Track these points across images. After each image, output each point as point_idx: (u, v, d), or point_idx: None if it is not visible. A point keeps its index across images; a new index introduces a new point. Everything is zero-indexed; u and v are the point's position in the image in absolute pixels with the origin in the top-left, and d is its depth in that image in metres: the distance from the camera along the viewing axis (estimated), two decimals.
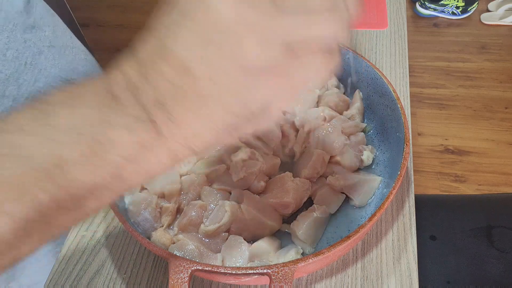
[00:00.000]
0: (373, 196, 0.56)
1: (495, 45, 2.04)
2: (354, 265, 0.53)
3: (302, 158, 0.58)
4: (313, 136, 0.59)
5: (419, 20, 2.20)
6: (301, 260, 0.41)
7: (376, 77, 0.59)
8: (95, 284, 0.53)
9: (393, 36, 0.81)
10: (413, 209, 0.57)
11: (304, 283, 0.52)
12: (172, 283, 0.40)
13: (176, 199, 0.54)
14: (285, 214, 0.54)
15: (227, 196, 0.54)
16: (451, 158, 1.64)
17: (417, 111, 1.79)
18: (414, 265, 0.52)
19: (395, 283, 0.51)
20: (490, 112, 1.77)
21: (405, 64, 0.76)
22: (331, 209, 0.54)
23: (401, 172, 0.48)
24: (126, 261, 0.55)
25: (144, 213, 0.51)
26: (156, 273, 0.53)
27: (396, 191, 0.46)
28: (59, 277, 0.54)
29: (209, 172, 0.56)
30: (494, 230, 0.75)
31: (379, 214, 0.44)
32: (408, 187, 0.59)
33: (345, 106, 0.64)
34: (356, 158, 0.57)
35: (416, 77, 1.92)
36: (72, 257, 0.55)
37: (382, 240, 0.54)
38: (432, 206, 0.81)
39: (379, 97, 0.59)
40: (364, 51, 0.79)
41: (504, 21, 2.11)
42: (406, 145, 0.50)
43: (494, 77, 1.90)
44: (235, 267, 0.41)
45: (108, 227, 0.58)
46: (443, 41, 2.08)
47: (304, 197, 0.54)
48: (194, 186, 0.55)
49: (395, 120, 0.55)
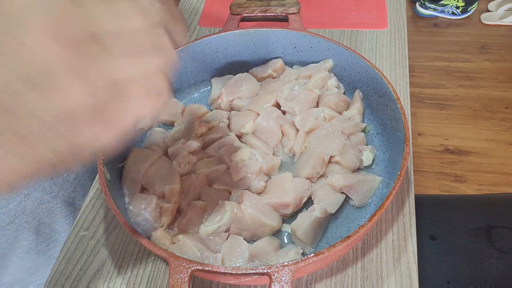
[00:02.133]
0: (373, 196, 0.56)
1: (495, 45, 2.04)
2: (354, 265, 0.53)
3: (302, 158, 0.58)
4: (313, 136, 0.59)
5: (419, 20, 2.20)
6: (301, 260, 0.41)
7: (376, 77, 0.59)
8: (95, 284, 0.53)
9: (393, 36, 0.81)
10: (413, 209, 0.57)
11: (304, 283, 0.52)
12: (172, 283, 0.40)
13: (176, 199, 0.54)
14: (285, 214, 0.54)
15: (227, 196, 0.54)
16: (451, 158, 1.64)
17: (417, 111, 1.79)
18: (414, 265, 0.52)
19: (395, 283, 0.51)
20: (490, 112, 1.77)
21: (405, 64, 0.76)
22: (331, 209, 0.54)
23: (401, 172, 0.48)
24: (126, 261, 0.55)
25: (144, 213, 0.51)
26: (156, 273, 0.53)
27: (396, 191, 0.46)
28: (59, 277, 0.54)
29: (209, 172, 0.56)
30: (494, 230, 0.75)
31: (379, 214, 0.44)
32: (408, 187, 0.59)
33: (345, 106, 0.64)
34: (356, 158, 0.57)
35: (416, 77, 1.92)
36: (72, 257, 0.55)
37: (382, 240, 0.54)
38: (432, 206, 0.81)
39: (379, 97, 0.60)
40: (364, 51, 0.79)
41: (504, 21, 2.11)
42: (406, 145, 0.50)
43: (494, 77, 1.90)
44: (235, 267, 0.41)
45: (108, 227, 0.58)
46: (443, 41, 2.08)
47: (304, 197, 0.54)
48: (194, 186, 0.54)
49: (395, 120, 0.55)
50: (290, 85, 0.64)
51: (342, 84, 0.67)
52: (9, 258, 0.63)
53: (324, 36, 0.65)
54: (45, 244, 0.67)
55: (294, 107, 0.62)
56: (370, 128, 0.63)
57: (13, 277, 0.65)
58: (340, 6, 0.89)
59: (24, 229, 0.63)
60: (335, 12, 0.88)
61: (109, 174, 0.52)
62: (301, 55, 0.68)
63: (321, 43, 0.65)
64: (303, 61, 0.69)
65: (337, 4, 0.90)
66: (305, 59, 0.68)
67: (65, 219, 0.69)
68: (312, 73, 0.65)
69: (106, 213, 0.59)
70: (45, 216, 0.65)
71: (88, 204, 0.60)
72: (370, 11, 0.87)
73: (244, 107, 0.64)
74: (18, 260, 0.64)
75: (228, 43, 0.68)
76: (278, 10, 0.69)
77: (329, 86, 0.65)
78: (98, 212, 0.59)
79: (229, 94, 0.66)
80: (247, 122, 0.61)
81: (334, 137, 0.58)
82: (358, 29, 0.83)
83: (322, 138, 0.58)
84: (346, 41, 0.81)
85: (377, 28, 0.83)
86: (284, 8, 0.68)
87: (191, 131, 0.61)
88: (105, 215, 0.59)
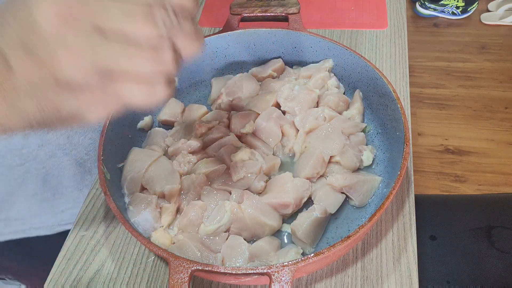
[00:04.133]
0: (373, 196, 0.56)
1: (495, 45, 2.04)
2: (354, 265, 0.53)
3: (302, 158, 0.58)
4: (313, 136, 0.59)
5: (419, 20, 2.20)
6: (301, 260, 0.41)
7: (376, 77, 0.59)
8: (95, 284, 0.53)
9: (393, 36, 0.81)
10: (413, 209, 0.57)
11: (304, 283, 0.52)
12: (172, 283, 0.40)
13: (176, 199, 0.54)
14: (285, 214, 0.54)
15: (227, 196, 0.54)
16: (451, 158, 1.64)
17: (417, 111, 1.79)
18: (414, 265, 0.52)
19: (395, 283, 0.51)
20: (490, 112, 1.77)
21: (405, 64, 0.76)
22: (331, 209, 0.54)
23: (401, 172, 0.48)
24: (126, 261, 0.55)
25: (144, 213, 0.51)
26: (156, 273, 0.53)
27: (396, 191, 0.46)
28: (59, 277, 0.54)
29: (209, 172, 0.56)
30: (494, 230, 0.75)
31: (379, 214, 0.44)
32: (408, 187, 0.59)
33: (345, 106, 0.64)
34: (356, 158, 0.57)
35: (416, 77, 1.92)
36: (72, 257, 0.55)
37: (382, 240, 0.54)
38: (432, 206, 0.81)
39: (379, 97, 0.60)
40: (364, 51, 0.79)
41: (504, 21, 2.11)
42: (406, 145, 0.50)
43: (494, 77, 1.90)
44: (235, 267, 0.41)
45: (108, 227, 0.58)
46: (443, 41, 2.08)
47: (304, 197, 0.54)
48: (194, 186, 0.55)
49: (395, 120, 0.55)
50: (290, 85, 0.64)
51: (342, 84, 0.67)
52: (16, 197, 0.67)
53: (324, 36, 0.65)
54: (51, 193, 0.69)
55: (294, 107, 0.62)
56: (370, 128, 0.63)
57: (18, 214, 0.69)
58: (340, 6, 0.89)
59: (32, 174, 0.66)
60: (335, 12, 0.88)
61: (109, 174, 0.52)
62: (301, 55, 0.68)
63: (321, 43, 0.65)
64: (303, 61, 0.69)
65: (337, 4, 0.90)
66: (305, 59, 0.68)
67: (73, 176, 0.71)
68: (312, 73, 0.65)
69: (106, 213, 0.59)
70: (54, 168, 0.68)
71: (88, 204, 0.60)
72: (370, 11, 0.87)
73: (244, 107, 0.64)
74: (24, 201, 0.67)
75: (228, 43, 0.68)
76: (278, 10, 0.68)
77: (329, 86, 0.65)
78: (98, 212, 0.59)
79: (229, 94, 0.66)
80: (247, 122, 0.61)
81: (334, 137, 0.58)
82: (358, 29, 0.83)
83: (322, 138, 0.58)
84: (346, 41, 0.81)
85: (377, 28, 0.83)
86: (284, 8, 0.68)
87: (191, 131, 0.61)
88: (105, 215, 0.59)
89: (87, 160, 0.72)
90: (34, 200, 0.68)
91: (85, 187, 0.72)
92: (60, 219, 0.71)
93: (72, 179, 0.71)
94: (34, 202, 0.69)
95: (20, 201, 0.68)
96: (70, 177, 0.70)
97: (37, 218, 0.70)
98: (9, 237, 0.70)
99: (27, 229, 0.70)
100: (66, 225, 0.71)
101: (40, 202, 0.69)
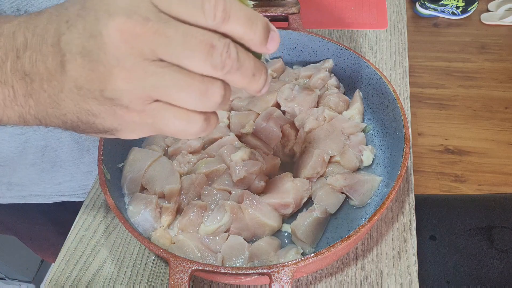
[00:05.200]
0: (373, 196, 0.56)
1: (495, 45, 2.04)
2: (354, 265, 0.53)
3: (302, 158, 0.58)
4: (313, 136, 0.59)
5: (419, 20, 2.20)
6: (301, 260, 0.41)
7: (376, 77, 0.59)
8: (95, 284, 0.53)
9: (393, 36, 0.81)
10: (413, 209, 0.57)
11: (304, 283, 0.52)
12: (172, 283, 0.40)
13: (176, 199, 0.54)
14: (285, 214, 0.54)
15: (227, 196, 0.54)
16: (451, 158, 1.64)
17: (417, 111, 1.79)
18: (414, 265, 0.52)
19: (395, 283, 0.51)
20: (490, 112, 1.77)
21: (405, 64, 0.76)
22: (331, 209, 0.54)
23: (401, 172, 0.48)
24: (126, 261, 0.55)
25: (144, 213, 0.51)
26: (156, 273, 0.53)
27: (396, 191, 0.46)
28: (59, 277, 0.54)
29: (209, 172, 0.56)
30: (494, 230, 0.75)
31: (379, 214, 0.44)
32: (408, 187, 0.59)
33: (345, 106, 0.64)
34: (356, 158, 0.57)
35: (416, 77, 1.92)
36: (72, 257, 0.55)
37: (382, 240, 0.54)
38: (432, 206, 0.81)
39: (379, 97, 0.60)
40: (364, 51, 0.79)
41: (504, 21, 2.11)
42: (406, 145, 0.50)
43: (494, 77, 1.90)
44: (235, 267, 0.41)
45: (108, 227, 0.58)
46: (443, 41, 2.08)
47: (304, 197, 0.54)
48: (194, 186, 0.54)
49: (395, 120, 0.55)
50: (290, 85, 0.64)
51: (342, 84, 0.67)
52: (17, 164, 0.69)
53: (324, 36, 0.65)
54: (50, 164, 0.71)
55: (294, 107, 0.62)
56: (370, 128, 0.63)
57: (19, 180, 0.72)
58: (340, 6, 0.90)
59: (32, 144, 0.67)
60: (335, 12, 0.88)
61: (109, 174, 0.52)
62: (301, 55, 0.68)
63: (321, 43, 0.65)
64: (303, 61, 0.69)
65: (337, 4, 0.90)
66: (305, 59, 0.68)
67: (71, 152, 0.72)
68: (312, 73, 0.65)
69: (106, 213, 0.59)
70: (53, 141, 0.69)
71: (88, 204, 0.60)
72: (370, 11, 0.87)
73: (244, 107, 0.64)
74: (25, 169, 0.70)
75: None
76: (278, 10, 0.68)
77: (329, 86, 0.65)
78: (98, 212, 0.59)
79: None
80: (247, 122, 0.61)
81: (334, 137, 0.58)
82: (358, 29, 0.83)
83: (322, 138, 0.58)
84: (346, 41, 0.81)
85: (377, 28, 0.83)
86: (284, 8, 0.68)
87: None
88: (105, 215, 0.59)
89: (85, 139, 0.73)
90: (33, 169, 0.71)
91: (83, 164, 0.74)
92: (57, 190, 0.74)
93: (70, 154, 0.72)
94: (34, 171, 0.71)
95: (21, 168, 0.70)
96: (68, 152, 0.72)
97: (36, 186, 0.73)
98: (10, 200, 0.74)
99: (27, 195, 0.74)
100: (63, 197, 0.75)
101: (39, 172, 0.71)
